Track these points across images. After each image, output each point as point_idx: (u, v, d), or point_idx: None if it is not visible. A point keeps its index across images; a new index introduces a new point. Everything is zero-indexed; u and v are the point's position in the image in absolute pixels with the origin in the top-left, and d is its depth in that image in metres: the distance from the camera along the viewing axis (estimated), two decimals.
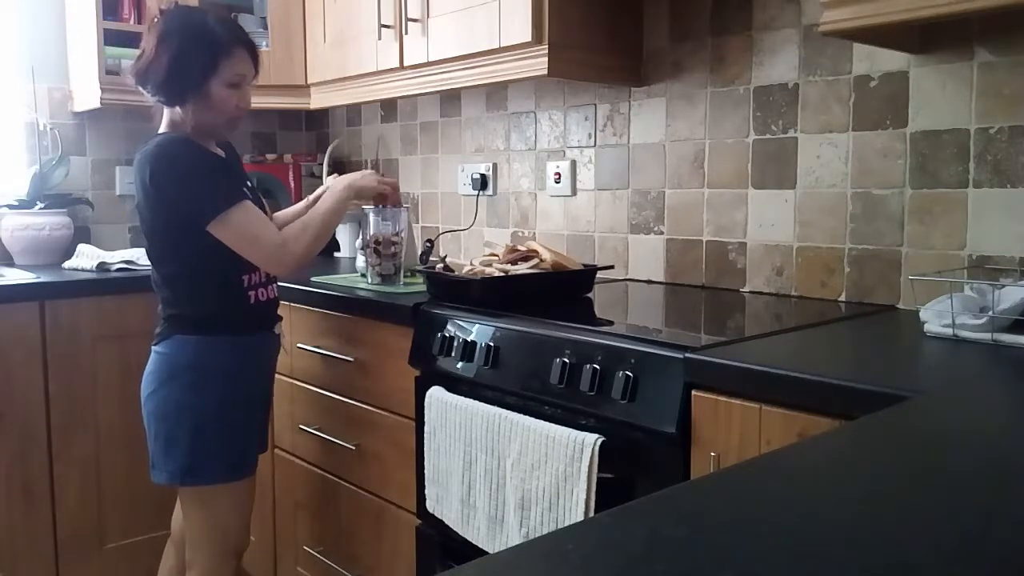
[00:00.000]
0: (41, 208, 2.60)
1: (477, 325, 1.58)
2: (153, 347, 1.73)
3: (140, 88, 1.68)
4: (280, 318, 1.85)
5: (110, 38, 2.50)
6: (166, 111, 1.71)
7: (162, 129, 1.71)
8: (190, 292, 1.70)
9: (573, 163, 2.26)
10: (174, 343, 1.69)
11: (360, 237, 2.09)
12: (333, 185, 1.83)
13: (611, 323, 1.61)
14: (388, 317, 1.80)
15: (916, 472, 0.74)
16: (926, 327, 1.32)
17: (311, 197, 2.00)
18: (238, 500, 1.75)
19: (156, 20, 1.65)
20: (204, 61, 1.64)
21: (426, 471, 1.64)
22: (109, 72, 2.48)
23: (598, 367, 1.32)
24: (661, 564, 0.55)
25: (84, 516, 2.32)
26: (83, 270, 2.45)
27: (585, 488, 1.29)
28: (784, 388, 1.11)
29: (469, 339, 1.58)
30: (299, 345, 2.07)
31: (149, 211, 1.65)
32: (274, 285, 1.81)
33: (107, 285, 2.33)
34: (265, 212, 1.99)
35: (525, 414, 1.42)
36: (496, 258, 1.79)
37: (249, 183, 1.79)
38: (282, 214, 2.05)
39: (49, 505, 2.26)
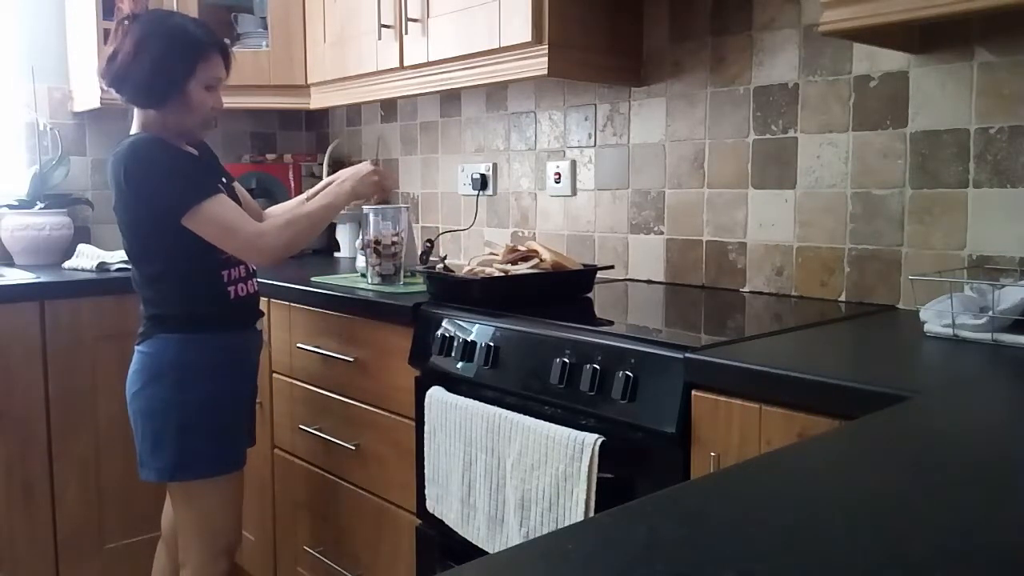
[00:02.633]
0: (41, 208, 2.60)
1: (477, 325, 1.58)
2: (136, 347, 1.75)
3: (114, 91, 1.70)
4: (262, 314, 1.86)
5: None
6: (137, 113, 1.73)
7: (133, 130, 1.74)
8: (171, 290, 1.71)
9: (573, 163, 2.26)
10: (157, 342, 1.71)
11: (360, 237, 2.09)
12: (337, 187, 1.83)
13: (611, 323, 1.61)
14: (388, 317, 1.80)
15: (916, 472, 0.74)
16: (926, 327, 1.32)
17: (309, 193, 2.00)
18: (227, 495, 1.77)
19: (127, 23, 1.66)
20: (184, 64, 1.67)
21: (426, 471, 1.64)
22: None
23: (598, 367, 1.32)
24: (661, 564, 0.55)
25: (84, 516, 2.32)
26: (83, 270, 2.45)
27: (585, 488, 1.29)
28: (784, 388, 1.11)
29: (469, 339, 1.58)
30: (299, 345, 2.07)
31: (125, 211, 1.68)
32: (254, 280, 1.82)
33: (107, 285, 2.34)
34: (254, 209, 2.01)
35: (525, 414, 1.42)
36: (496, 258, 1.79)
37: (224, 180, 1.81)
38: (277, 208, 2.05)
39: (49, 505, 2.26)
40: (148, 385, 1.71)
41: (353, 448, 1.92)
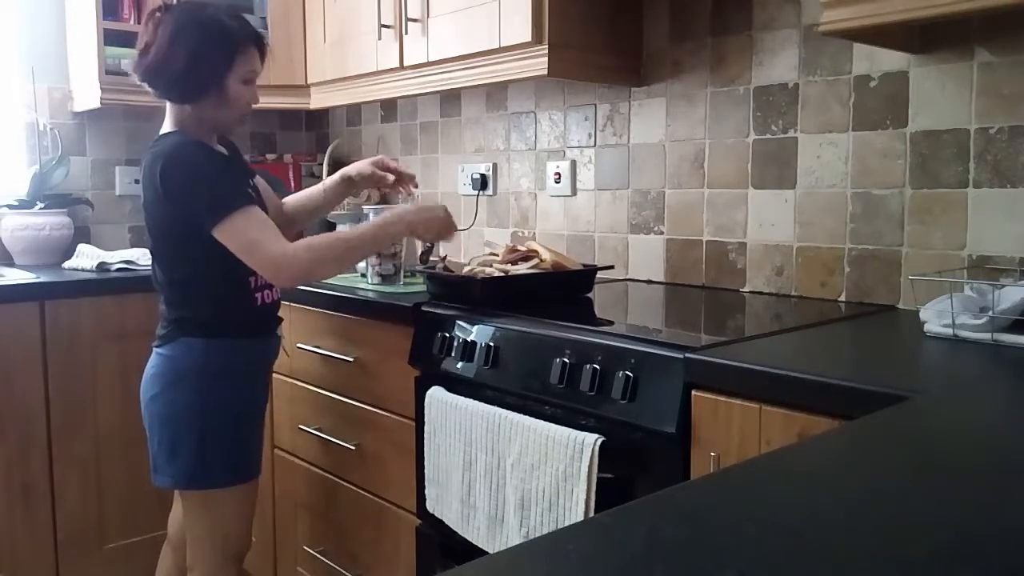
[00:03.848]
0: (41, 208, 2.59)
1: (477, 325, 1.58)
2: (155, 349, 1.70)
3: (147, 85, 1.64)
4: (281, 319, 1.85)
5: (110, 38, 2.50)
6: (171, 108, 1.68)
7: (167, 127, 1.68)
8: (197, 294, 1.68)
9: (573, 163, 2.26)
10: (180, 346, 1.66)
11: None
12: (392, 215, 1.73)
13: (611, 323, 1.61)
14: (388, 317, 1.80)
15: (915, 472, 0.74)
16: (926, 327, 1.32)
17: (328, 182, 1.95)
18: (241, 503, 1.74)
19: (160, 15, 1.62)
20: (222, 57, 1.62)
21: (426, 471, 1.64)
22: (109, 72, 2.48)
23: (598, 367, 1.32)
24: (661, 564, 0.55)
25: (84, 516, 2.32)
26: (83, 270, 2.45)
27: (585, 488, 1.29)
28: (784, 388, 1.11)
29: (469, 339, 1.58)
30: (299, 345, 2.07)
31: (159, 212, 1.63)
32: (277, 287, 1.80)
33: (107, 285, 2.33)
34: (274, 203, 1.95)
35: (525, 414, 1.42)
36: (496, 258, 1.78)
37: (252, 181, 1.78)
38: (294, 198, 2.02)
39: (49, 505, 2.26)
40: (168, 389, 1.66)
41: (353, 448, 1.92)
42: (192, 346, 1.66)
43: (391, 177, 1.91)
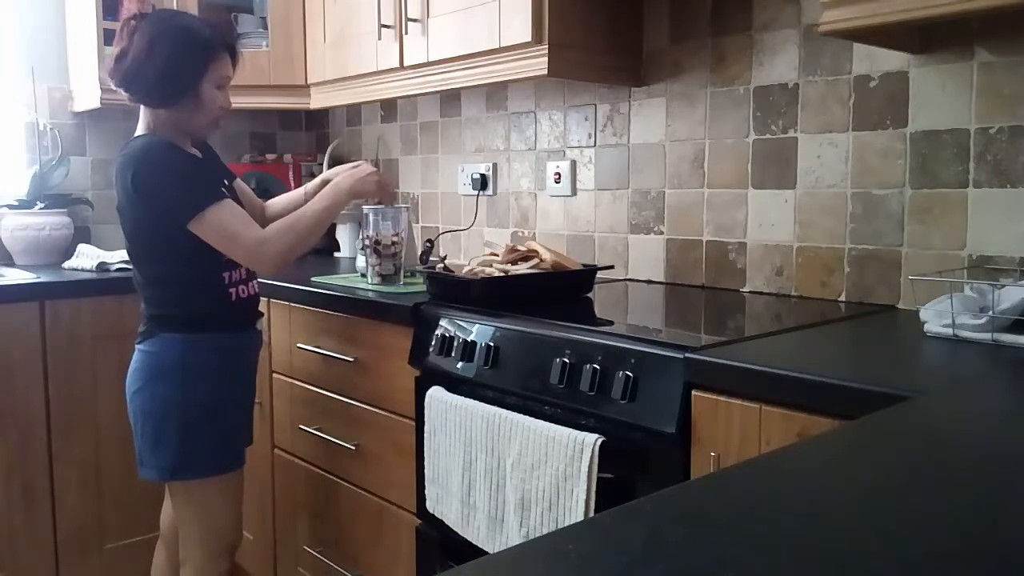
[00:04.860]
0: (41, 208, 2.60)
1: (477, 325, 1.58)
2: (137, 346, 1.75)
3: (123, 91, 1.68)
4: (261, 314, 1.87)
5: (110, 38, 2.49)
6: (145, 112, 1.72)
7: (139, 131, 1.73)
8: (173, 291, 1.72)
9: (573, 163, 2.26)
10: (160, 341, 1.71)
11: (360, 237, 2.09)
12: (335, 187, 1.81)
13: (611, 323, 1.61)
14: (388, 317, 1.80)
15: (916, 472, 0.74)
16: (926, 327, 1.32)
17: (309, 186, 1.99)
18: (228, 494, 1.77)
19: (135, 22, 1.66)
20: (196, 63, 1.67)
21: (426, 471, 1.64)
22: None
23: (598, 367, 1.32)
24: (661, 564, 0.55)
25: (84, 516, 2.32)
26: (83, 270, 2.45)
27: (585, 488, 1.29)
28: (784, 388, 1.11)
29: (469, 339, 1.58)
30: (299, 345, 2.07)
31: (132, 212, 1.67)
32: (255, 282, 1.83)
33: (107, 285, 2.34)
34: (256, 205, 1.99)
35: (525, 414, 1.42)
36: (496, 258, 1.79)
37: (226, 181, 1.81)
38: (276, 202, 2.05)
39: (49, 505, 2.26)
40: (150, 384, 1.71)
41: (353, 448, 1.92)
42: (171, 341, 1.71)
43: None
